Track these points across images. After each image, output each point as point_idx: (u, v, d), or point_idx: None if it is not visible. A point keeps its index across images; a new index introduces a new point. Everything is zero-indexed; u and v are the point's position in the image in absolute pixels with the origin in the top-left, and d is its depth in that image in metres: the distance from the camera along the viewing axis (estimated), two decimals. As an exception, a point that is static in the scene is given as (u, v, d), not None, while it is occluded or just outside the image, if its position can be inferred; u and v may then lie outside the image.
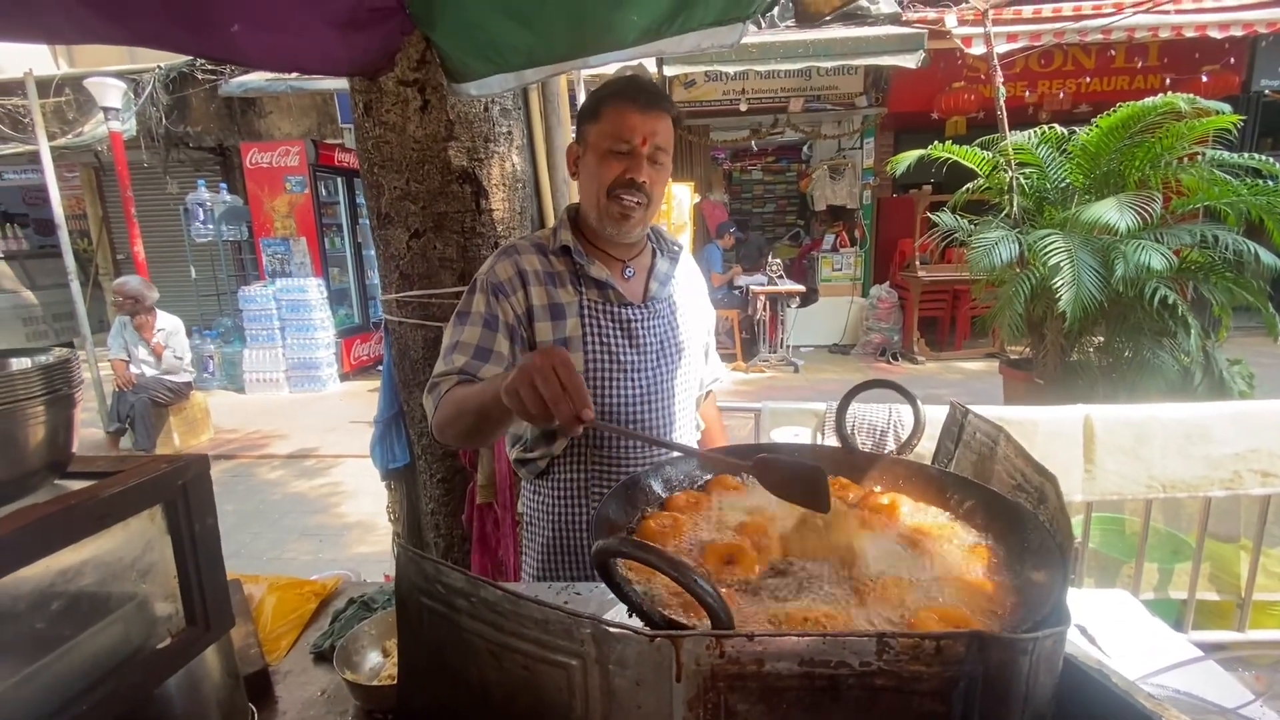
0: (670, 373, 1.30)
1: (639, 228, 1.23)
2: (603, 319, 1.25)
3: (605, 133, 1.17)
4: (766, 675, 0.48)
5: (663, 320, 1.31)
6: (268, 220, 7.68)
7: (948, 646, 0.47)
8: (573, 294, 1.24)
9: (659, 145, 1.17)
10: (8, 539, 0.50)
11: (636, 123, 1.15)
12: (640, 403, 1.27)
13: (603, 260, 1.27)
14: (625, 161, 1.17)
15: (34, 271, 9.85)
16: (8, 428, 0.57)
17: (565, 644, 0.51)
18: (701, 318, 1.42)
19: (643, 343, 1.27)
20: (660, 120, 1.18)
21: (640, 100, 1.16)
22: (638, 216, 1.20)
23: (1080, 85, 7.63)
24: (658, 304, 1.30)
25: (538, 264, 1.24)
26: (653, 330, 1.29)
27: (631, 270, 1.31)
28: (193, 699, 0.80)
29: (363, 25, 1.56)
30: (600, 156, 1.18)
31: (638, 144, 1.15)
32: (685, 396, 1.35)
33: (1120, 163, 4.11)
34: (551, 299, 1.23)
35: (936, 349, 7.94)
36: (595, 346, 1.24)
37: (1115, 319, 4.11)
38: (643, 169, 1.16)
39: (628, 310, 1.26)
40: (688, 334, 1.35)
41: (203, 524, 0.68)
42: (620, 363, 1.25)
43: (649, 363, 1.28)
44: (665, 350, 1.30)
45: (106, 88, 5.59)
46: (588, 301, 1.24)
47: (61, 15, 1.23)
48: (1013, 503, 0.74)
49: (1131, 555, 2.41)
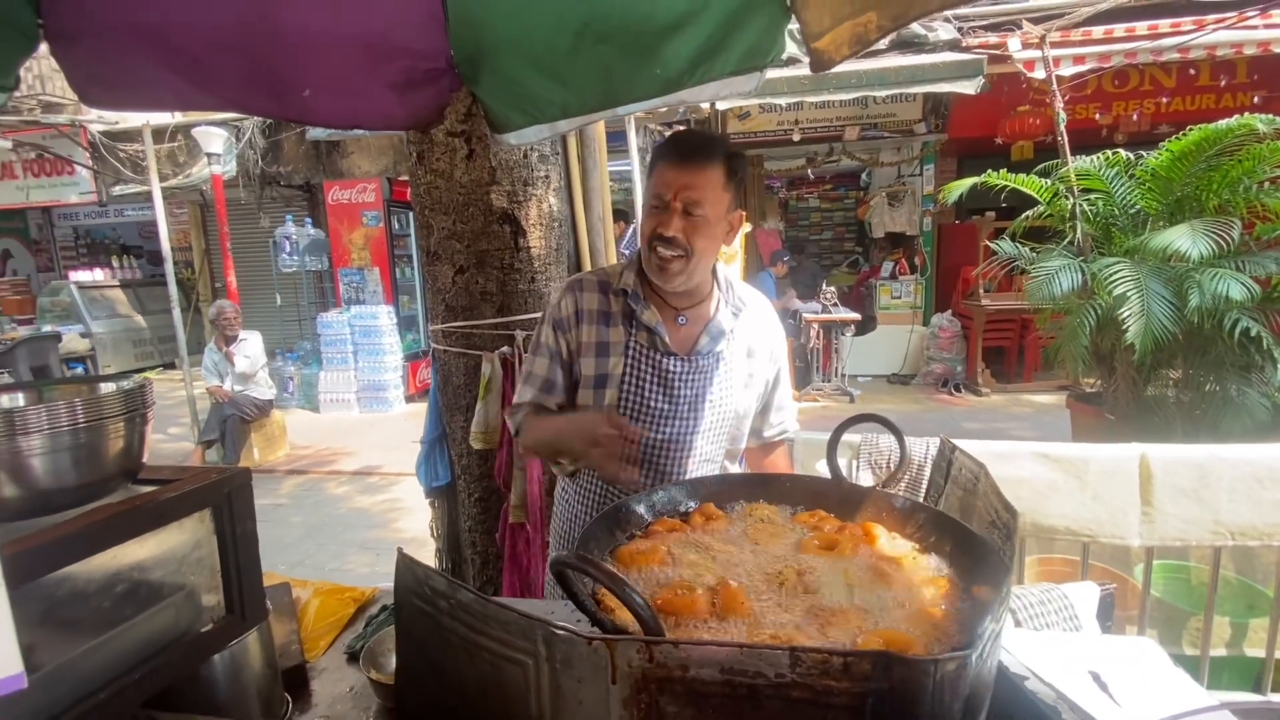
0: (697, 426, 1.32)
1: (680, 278, 1.26)
2: (644, 363, 1.30)
3: (649, 189, 1.26)
4: (692, 680, 0.54)
5: (704, 375, 1.32)
6: (345, 252, 8.26)
7: (854, 664, 0.51)
8: (623, 334, 1.31)
9: (692, 199, 1.20)
10: (85, 530, 0.63)
11: (670, 178, 1.22)
12: (660, 448, 1.31)
13: (659, 305, 1.32)
14: (660, 216, 1.23)
15: (144, 298, 10.92)
16: (93, 440, 0.70)
17: (522, 643, 0.58)
18: (761, 375, 1.41)
19: (677, 394, 1.30)
20: (697, 174, 1.21)
21: (677, 156, 1.23)
22: (676, 268, 1.24)
23: (1159, 105, 7.26)
24: (703, 358, 1.32)
25: (596, 302, 1.33)
26: (690, 383, 1.31)
27: (685, 319, 1.34)
28: (235, 684, 0.91)
29: (417, 85, 1.73)
30: (646, 211, 1.27)
31: (669, 199, 1.21)
32: (710, 450, 1.36)
33: (1197, 187, 3.90)
34: (600, 337, 1.31)
35: (1003, 380, 7.60)
36: (631, 387, 1.30)
37: (1194, 352, 3.85)
38: (672, 223, 1.21)
39: (670, 360, 1.30)
40: (731, 391, 1.35)
41: (243, 527, 0.79)
42: (650, 408, 1.30)
43: (680, 413, 1.31)
44: (699, 404, 1.32)
45: (211, 135, 6.24)
46: (635, 344, 1.31)
47: (166, 89, 1.45)
48: (978, 536, 0.77)
49: (1199, 607, 2.25)
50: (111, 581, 0.66)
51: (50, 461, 0.66)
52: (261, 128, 8.95)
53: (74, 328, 9.66)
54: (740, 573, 0.80)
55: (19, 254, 12.19)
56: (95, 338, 9.84)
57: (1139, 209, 4.13)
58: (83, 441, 0.69)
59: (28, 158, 9.48)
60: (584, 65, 1.55)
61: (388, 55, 1.62)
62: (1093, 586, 1.53)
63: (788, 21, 1.43)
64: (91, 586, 0.65)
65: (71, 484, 0.69)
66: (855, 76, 6.15)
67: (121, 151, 8.66)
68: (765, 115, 8.17)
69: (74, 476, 0.69)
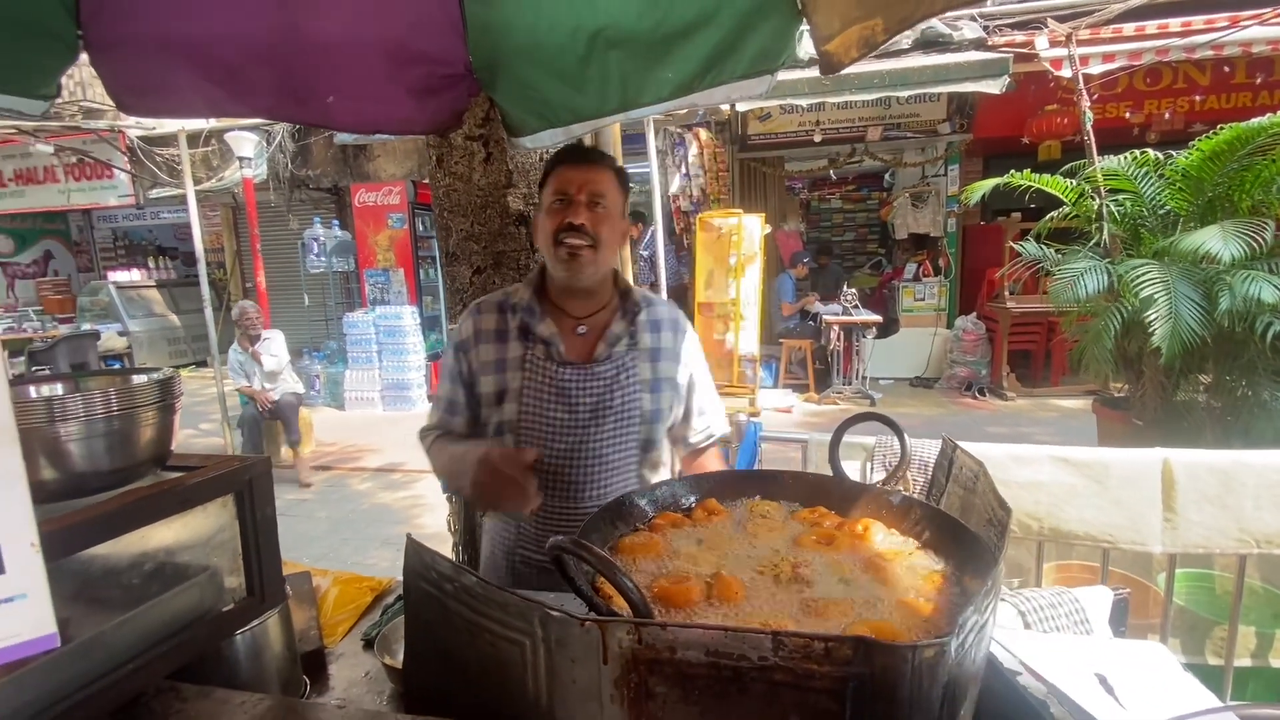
0: (601, 434, 1.33)
1: (590, 269, 1.31)
2: (541, 376, 1.33)
3: (550, 191, 1.33)
4: (680, 662, 0.56)
5: (602, 382, 1.34)
6: (371, 253, 8.43)
7: (835, 649, 0.53)
8: (520, 349, 1.36)
9: (597, 192, 1.30)
10: (118, 511, 0.67)
11: (573, 176, 1.30)
12: (562, 457, 1.33)
13: (557, 317, 1.37)
14: (565, 210, 1.29)
15: (179, 298, 11.27)
16: (126, 428, 0.74)
17: (520, 624, 0.61)
18: (670, 378, 1.42)
19: (576, 402, 1.32)
20: (597, 172, 1.31)
21: (577, 158, 1.33)
22: (586, 257, 1.29)
23: (1193, 104, 7.07)
24: (600, 365, 1.34)
25: (494, 322, 1.38)
26: (589, 391, 1.33)
27: (584, 328, 1.38)
28: (256, 663, 0.96)
29: (437, 90, 1.78)
30: (548, 212, 1.32)
31: (574, 193, 1.29)
32: (619, 458, 1.37)
33: (1229, 188, 3.81)
34: (498, 354, 1.36)
35: (1029, 384, 7.46)
36: (530, 400, 1.33)
37: (1225, 356, 3.76)
38: (581, 213, 1.28)
39: (566, 370, 1.33)
40: (635, 396, 1.36)
41: (263, 513, 0.84)
42: (550, 420, 1.32)
43: (580, 421, 1.32)
44: (601, 411, 1.33)
45: (242, 140, 6.43)
46: (532, 357, 1.34)
47: (198, 96, 1.52)
48: (971, 532, 0.78)
49: (1224, 616, 2.20)
50: (140, 560, 0.71)
51: (86, 447, 0.71)
52: (291, 132, 9.18)
53: (112, 326, 10.00)
54: (737, 565, 0.82)
55: (60, 255, 12.66)
56: (132, 336, 10.17)
57: (1169, 209, 4.04)
58: (116, 428, 0.73)
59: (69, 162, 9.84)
60: (597, 70, 1.58)
61: (408, 62, 1.67)
62: (1106, 591, 1.52)
63: (799, 25, 1.44)
64: (122, 564, 0.69)
65: (105, 468, 0.73)
66: (878, 77, 6.10)
67: (158, 156, 8.95)
68: (786, 116, 8.15)
69: (107, 461, 0.73)
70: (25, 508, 0.42)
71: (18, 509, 0.41)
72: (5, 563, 0.41)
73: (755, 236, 6.83)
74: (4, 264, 11.74)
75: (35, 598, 0.43)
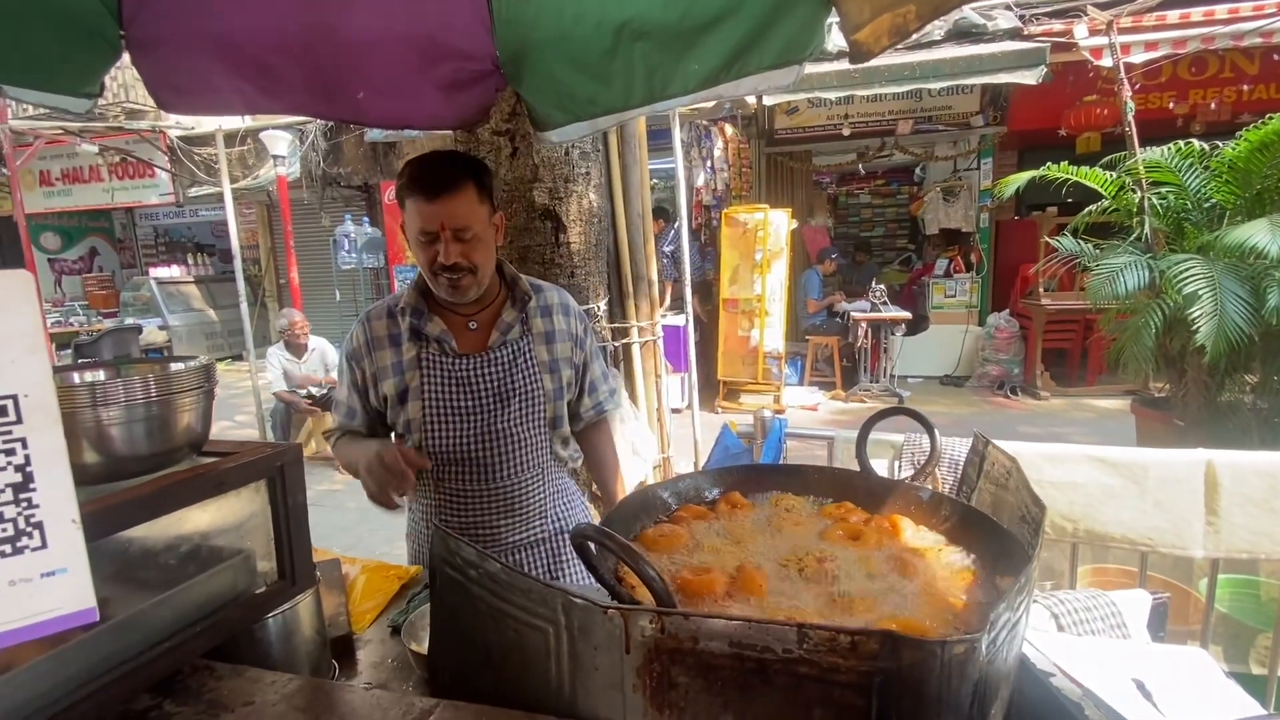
0: (508, 415, 1.41)
1: (474, 290, 1.36)
2: (438, 371, 1.39)
3: (409, 224, 1.32)
4: (702, 652, 0.56)
5: (501, 367, 1.41)
6: (400, 249, 8.57)
7: (862, 642, 0.52)
8: (414, 349, 1.40)
9: (460, 227, 1.28)
10: (155, 494, 0.69)
11: (429, 213, 1.27)
12: (477, 443, 1.40)
13: (446, 315, 1.41)
14: (433, 248, 1.29)
15: (216, 293, 11.59)
16: (164, 413, 0.77)
17: (543, 611, 0.62)
18: (567, 359, 1.50)
19: (478, 389, 1.40)
20: (452, 203, 1.26)
21: (428, 190, 1.26)
22: (467, 283, 1.33)
23: (1241, 93, 6.78)
24: (496, 352, 1.41)
25: (385, 328, 1.43)
26: (489, 376, 1.40)
27: (475, 323, 1.43)
28: (286, 645, 0.98)
29: (464, 85, 1.79)
30: (416, 243, 1.32)
31: (437, 230, 1.27)
32: (530, 435, 1.45)
33: (1279, 180, 3.65)
34: (394, 358, 1.41)
35: (1064, 384, 7.26)
36: (431, 395, 1.39)
37: (1273, 355, 3.61)
38: (451, 251, 1.28)
39: (463, 360, 1.39)
40: (535, 376, 1.44)
41: (294, 499, 0.85)
42: (455, 409, 1.39)
43: (485, 405, 1.40)
44: (505, 394, 1.41)
45: (276, 139, 6.57)
46: (426, 355, 1.40)
47: (234, 94, 1.55)
48: (1003, 529, 0.76)
49: (1269, 623, 2.11)
50: (177, 542, 0.73)
51: (126, 431, 0.73)
52: (324, 131, 9.36)
53: (153, 321, 10.35)
54: (761, 558, 0.81)
55: (105, 252, 13.12)
56: (172, 330, 10.51)
57: (1214, 203, 3.89)
58: (155, 414, 0.75)
59: (113, 161, 10.18)
60: (622, 62, 1.57)
61: (436, 58, 1.69)
62: (1144, 594, 1.47)
63: (827, 14, 1.42)
64: (159, 546, 0.71)
65: (144, 452, 0.76)
66: (909, 69, 5.98)
67: (197, 155, 9.21)
68: (814, 110, 8.04)
69: (146, 446, 0.76)
70: (67, 486, 0.44)
71: (60, 487, 0.43)
72: (48, 538, 0.43)
73: (781, 232, 6.76)
74: (52, 260, 12.21)
75: (76, 573, 0.44)
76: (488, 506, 1.47)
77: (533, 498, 1.51)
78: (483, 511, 1.48)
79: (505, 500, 1.48)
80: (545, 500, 1.53)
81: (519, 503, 1.49)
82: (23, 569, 0.41)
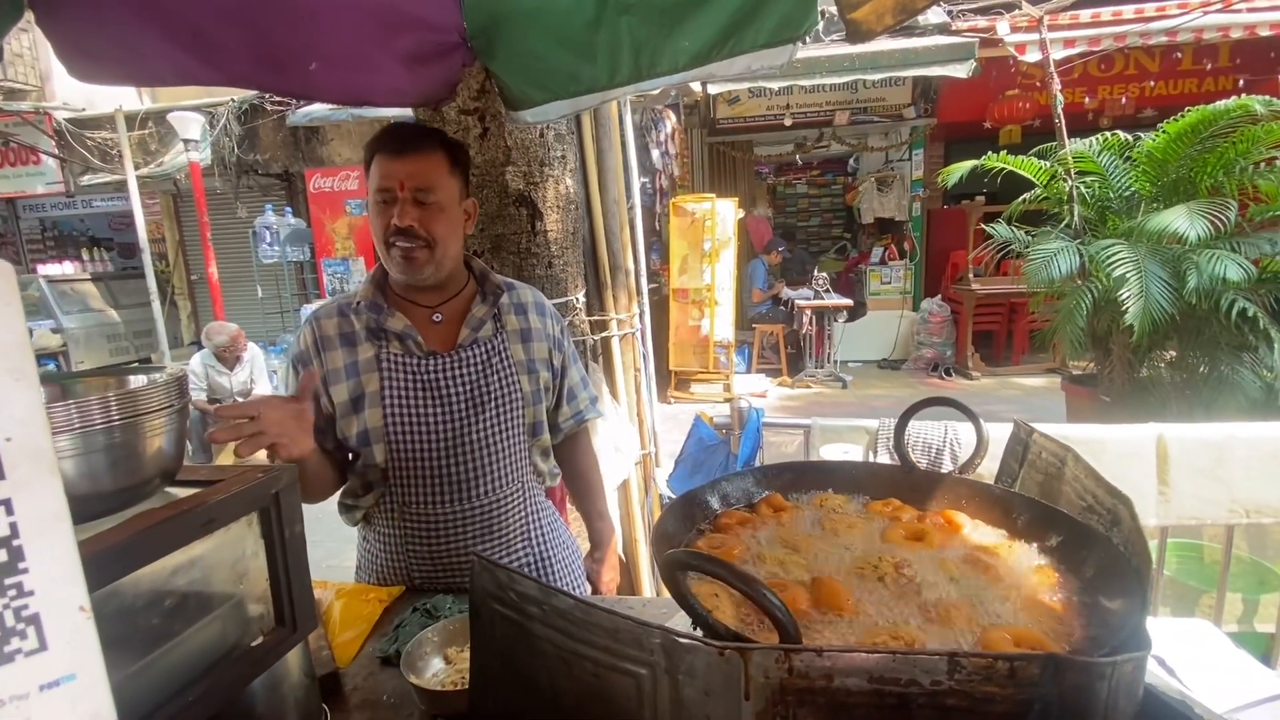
0: (482, 422, 1.25)
1: (429, 268, 1.20)
2: (402, 372, 1.23)
3: (371, 185, 1.19)
4: (835, 691, 0.49)
5: (474, 367, 1.26)
6: (329, 242, 8.06)
7: (1021, 668, 0.46)
8: (371, 349, 1.23)
9: (422, 186, 1.16)
10: (131, 542, 0.56)
11: (392, 169, 1.15)
12: (445, 455, 1.23)
13: (407, 309, 1.25)
14: (390, 210, 1.16)
15: (117, 292, 10.56)
16: (129, 439, 0.62)
17: (634, 653, 0.53)
18: (544, 360, 1.36)
19: (448, 392, 1.24)
20: (420, 161, 1.16)
21: (393, 147, 1.16)
22: (422, 258, 1.18)
23: (1144, 89, 7.33)
24: (467, 350, 1.27)
25: (336, 327, 1.25)
26: (461, 378, 1.25)
27: (440, 315, 1.27)
28: (273, 697, 0.85)
29: (428, 59, 1.64)
30: (373, 208, 1.20)
31: (396, 189, 1.15)
32: (505, 445, 1.29)
33: (1191, 169, 3.93)
34: (347, 359, 1.23)
35: (992, 364, 7.67)
36: (393, 401, 1.22)
37: (1189, 333, 3.90)
38: (407, 213, 1.15)
39: (431, 360, 1.24)
40: (510, 379, 1.29)
41: (291, 530, 0.73)
42: (420, 415, 1.22)
43: (457, 411, 1.24)
44: (479, 397, 1.25)
45: (187, 121, 6.01)
46: (388, 355, 1.23)
47: (164, 62, 1.35)
48: (1082, 524, 0.73)
49: (1211, 584, 2.27)
50: (159, 595, 0.59)
51: (84, 464, 0.59)
52: (237, 114, 8.67)
53: (44, 323, 9.31)
54: (827, 566, 0.75)
55: (-19, 247, 11.74)
56: (67, 333, 9.49)
57: (1134, 191, 4.15)
58: (118, 440, 0.61)
59: (-11, 146, 9.09)
60: (608, 36, 1.47)
61: (398, 27, 1.53)
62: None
63: (823, -10, 1.37)
64: (139, 602, 0.58)
65: (107, 489, 0.61)
66: (848, 60, 6.10)
67: (89, 139, 8.34)
68: (755, 100, 8.10)
69: (109, 481, 0.61)
70: (71, 561, 0.30)
71: (61, 563, 0.29)
72: (47, 636, 0.29)
73: (729, 221, 6.79)
74: (-84, 258, 10.81)
75: (87, 680, 0.31)
76: (462, 530, 1.28)
77: (513, 517, 1.33)
78: (456, 536, 1.28)
79: (483, 521, 1.29)
80: (527, 520, 1.36)
81: (497, 524, 1.31)
82: (15, 682, 0.28)
